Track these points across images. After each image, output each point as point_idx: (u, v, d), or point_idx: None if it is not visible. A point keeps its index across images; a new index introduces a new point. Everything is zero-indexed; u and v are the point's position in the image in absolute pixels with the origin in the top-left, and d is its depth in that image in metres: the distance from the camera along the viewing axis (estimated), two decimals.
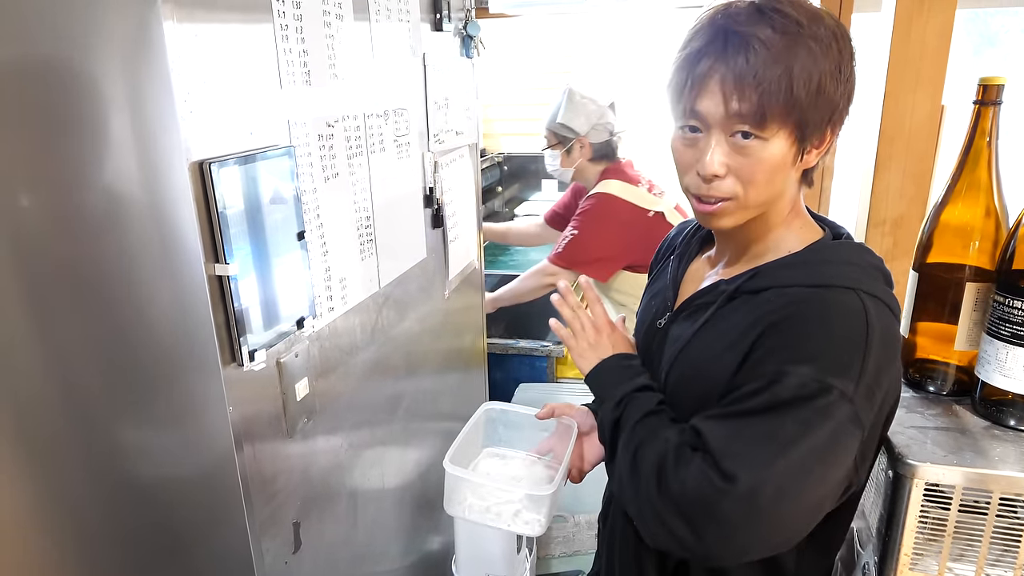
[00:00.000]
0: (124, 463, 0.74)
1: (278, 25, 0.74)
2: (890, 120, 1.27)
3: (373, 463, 1.07)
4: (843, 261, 0.66)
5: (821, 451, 0.59)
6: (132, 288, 0.67)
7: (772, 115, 0.60)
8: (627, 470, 0.67)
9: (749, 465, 0.58)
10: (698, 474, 0.60)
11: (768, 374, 0.60)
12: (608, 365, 0.76)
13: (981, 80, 0.85)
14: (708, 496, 0.59)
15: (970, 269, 0.87)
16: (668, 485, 0.62)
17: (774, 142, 0.61)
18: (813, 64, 0.59)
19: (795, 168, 0.65)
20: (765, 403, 0.60)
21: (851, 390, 0.59)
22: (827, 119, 0.63)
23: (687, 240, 0.84)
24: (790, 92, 0.59)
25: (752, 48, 0.58)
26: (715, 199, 0.65)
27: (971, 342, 0.88)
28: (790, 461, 0.58)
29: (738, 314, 0.67)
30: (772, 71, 0.58)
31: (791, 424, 0.58)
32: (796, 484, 0.59)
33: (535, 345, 2.13)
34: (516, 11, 2.10)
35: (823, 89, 0.60)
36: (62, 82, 0.61)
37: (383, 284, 1.05)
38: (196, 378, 0.69)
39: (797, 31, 0.59)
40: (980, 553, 0.78)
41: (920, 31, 1.22)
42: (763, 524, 0.59)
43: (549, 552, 1.72)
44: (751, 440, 0.59)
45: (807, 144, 0.63)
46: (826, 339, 0.60)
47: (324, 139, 0.85)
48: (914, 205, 1.31)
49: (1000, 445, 0.80)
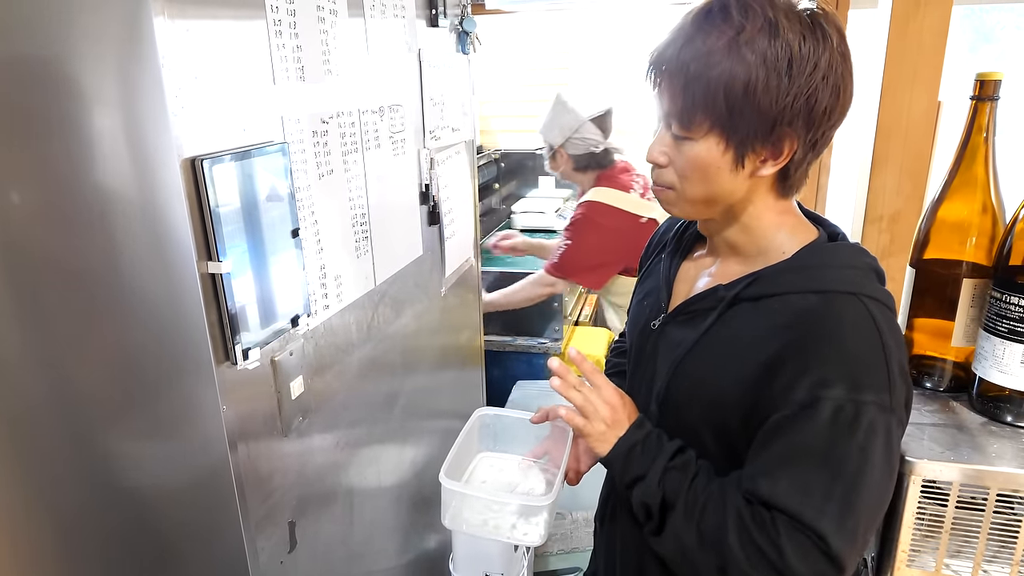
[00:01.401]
0: (116, 463, 0.74)
1: (271, 20, 0.73)
2: (887, 116, 1.27)
3: (369, 461, 1.07)
4: (842, 265, 0.66)
5: (883, 467, 0.60)
6: (124, 286, 0.66)
7: (694, 119, 0.60)
8: (695, 544, 0.64)
9: (834, 522, 0.59)
10: (794, 547, 0.59)
11: (799, 401, 0.60)
12: (631, 440, 0.70)
13: (978, 76, 0.84)
14: (817, 565, 0.59)
15: (967, 265, 0.87)
16: (765, 554, 0.60)
17: (701, 144, 0.62)
18: (745, 72, 0.57)
19: (741, 175, 0.63)
20: (813, 440, 0.59)
21: (887, 400, 0.60)
22: (765, 130, 0.60)
23: (678, 236, 0.83)
24: (708, 97, 0.59)
25: (687, 48, 0.59)
26: (659, 186, 0.68)
27: (968, 338, 0.88)
28: (866, 493, 0.59)
29: (741, 321, 0.67)
30: (700, 73, 0.58)
31: (851, 456, 0.59)
32: (876, 508, 0.61)
33: (532, 342, 2.13)
34: (513, 7, 2.10)
35: (754, 98, 0.58)
36: (50, 79, 0.60)
37: (379, 282, 1.04)
38: (189, 377, 0.68)
39: (735, 37, 0.57)
40: (977, 549, 0.78)
41: (917, 27, 1.22)
42: (858, 551, 0.61)
43: (547, 549, 1.72)
44: (822, 489, 0.59)
45: (746, 151, 0.61)
46: (848, 356, 0.60)
47: (318, 136, 0.84)
48: (911, 201, 1.31)
49: (997, 441, 0.80)
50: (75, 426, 0.72)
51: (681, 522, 0.65)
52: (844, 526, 0.59)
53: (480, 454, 0.91)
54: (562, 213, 2.72)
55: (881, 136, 1.29)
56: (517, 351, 2.14)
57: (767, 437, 0.62)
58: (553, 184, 2.97)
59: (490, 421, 0.90)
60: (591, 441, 0.72)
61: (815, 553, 0.59)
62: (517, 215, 2.68)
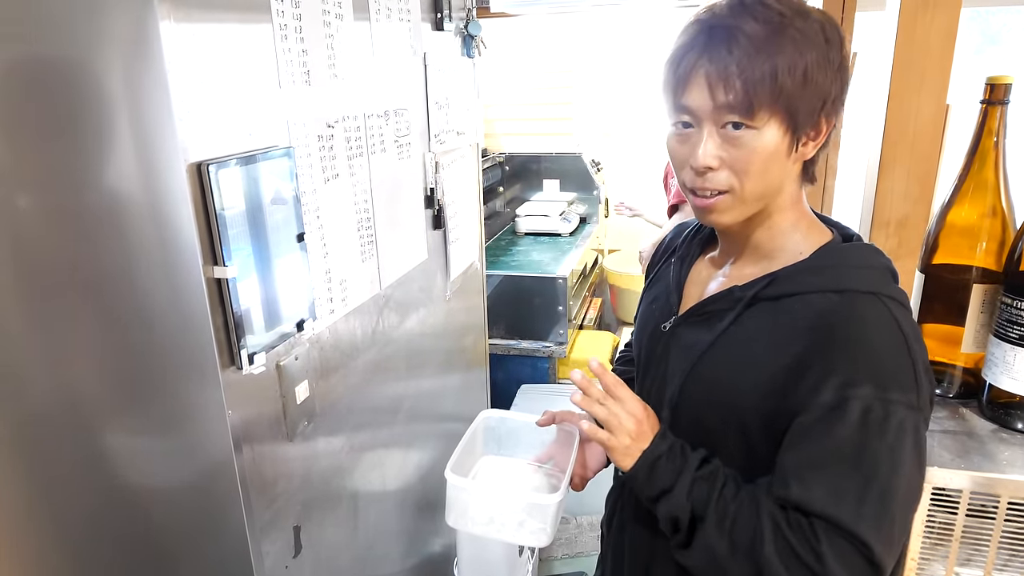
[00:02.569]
0: (122, 467, 0.74)
1: (277, 25, 0.73)
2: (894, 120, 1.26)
3: (374, 466, 1.06)
4: (861, 265, 0.66)
5: (914, 466, 0.60)
6: (129, 290, 0.66)
7: (760, 104, 0.60)
8: (727, 553, 0.63)
9: (873, 525, 0.58)
10: (835, 553, 0.58)
11: (826, 403, 0.59)
12: (656, 452, 0.69)
13: (988, 79, 0.84)
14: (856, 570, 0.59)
15: (977, 270, 0.86)
16: (804, 561, 0.59)
17: (766, 131, 0.62)
18: (798, 53, 0.59)
19: (791, 159, 0.64)
20: (844, 442, 0.59)
21: (914, 399, 0.60)
22: (818, 107, 0.62)
23: (687, 242, 0.83)
24: (775, 80, 0.59)
25: (735, 40, 0.59)
26: (711, 192, 0.65)
27: (978, 344, 0.88)
28: (900, 494, 0.59)
29: (759, 322, 0.66)
30: (756, 61, 0.59)
31: (883, 457, 0.58)
32: (909, 507, 0.61)
33: (537, 346, 2.13)
34: (517, 10, 2.10)
35: (810, 77, 0.60)
36: (56, 83, 0.60)
37: (384, 286, 1.04)
38: (194, 381, 0.68)
39: (780, 21, 0.60)
40: (988, 558, 0.77)
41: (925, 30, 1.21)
42: (895, 553, 0.60)
43: (551, 554, 1.71)
44: (857, 492, 0.59)
45: (800, 134, 0.63)
46: (874, 356, 0.60)
47: (324, 140, 0.84)
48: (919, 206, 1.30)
49: (1008, 449, 0.79)
50: (80, 429, 0.72)
51: (713, 533, 0.64)
52: (881, 528, 0.58)
53: (484, 457, 0.90)
54: (566, 216, 2.72)
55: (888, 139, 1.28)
56: (521, 354, 2.13)
57: (795, 440, 0.61)
58: (558, 187, 2.96)
59: (495, 424, 0.90)
60: (615, 455, 0.70)
61: (856, 558, 0.58)
62: (522, 218, 2.68)
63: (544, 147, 2.96)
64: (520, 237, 2.66)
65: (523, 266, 2.25)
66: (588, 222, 2.84)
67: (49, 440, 0.72)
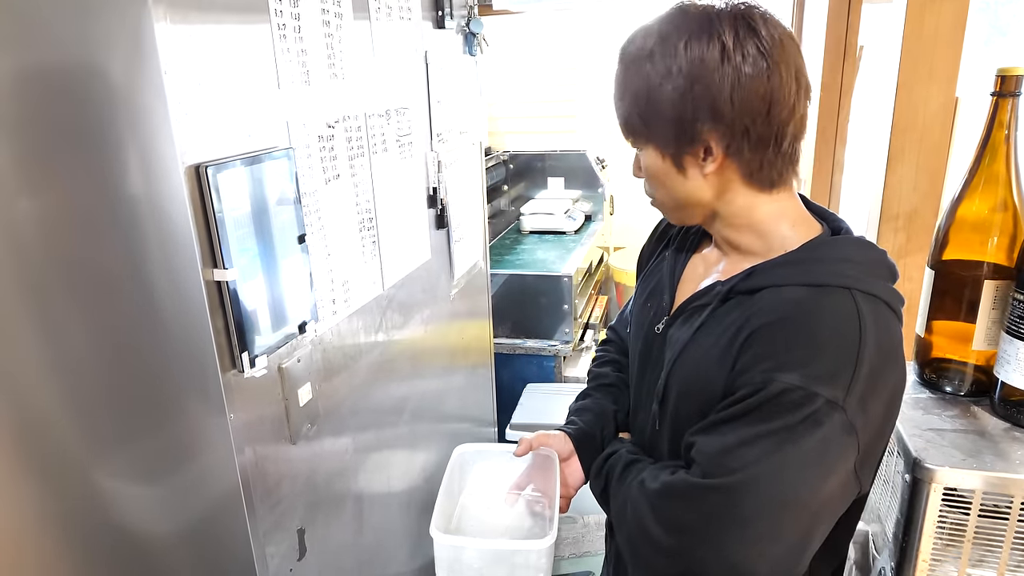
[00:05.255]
0: (122, 471, 0.73)
1: (275, 24, 0.73)
2: (903, 113, 1.25)
3: (379, 467, 1.06)
4: (839, 259, 0.64)
5: (810, 458, 0.58)
6: (129, 294, 0.66)
7: (628, 132, 0.69)
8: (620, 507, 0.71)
9: (736, 467, 0.59)
10: (682, 476, 0.64)
11: (755, 382, 0.60)
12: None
13: (999, 71, 0.82)
14: (692, 489, 0.62)
15: (988, 266, 0.85)
16: (646, 487, 0.66)
17: (647, 152, 0.68)
18: (642, 83, 0.64)
19: (690, 176, 0.66)
20: (749, 408, 0.60)
21: (841, 398, 0.58)
22: (681, 132, 0.64)
23: (684, 232, 0.82)
24: (627, 116, 0.67)
25: (618, 71, 0.68)
26: (651, 199, 0.73)
27: (990, 341, 0.86)
28: (776, 463, 0.58)
29: (732, 315, 0.66)
30: (619, 96, 0.67)
31: (776, 430, 0.58)
32: (782, 488, 0.59)
33: (542, 345, 2.12)
34: (520, 8, 2.09)
35: (656, 108, 0.64)
36: (51, 87, 0.60)
37: (387, 286, 1.03)
38: (196, 385, 0.68)
39: (636, 56, 0.65)
40: (1001, 559, 0.76)
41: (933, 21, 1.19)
42: (750, 525, 0.59)
43: (558, 553, 1.71)
44: (736, 444, 0.60)
45: (681, 154, 0.65)
46: (815, 346, 0.60)
47: (324, 140, 0.84)
48: (928, 200, 1.28)
49: (1021, 447, 0.78)
50: (79, 434, 0.72)
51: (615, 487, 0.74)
52: (746, 474, 0.59)
53: (464, 493, 0.88)
54: (571, 214, 2.71)
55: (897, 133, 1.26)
56: (527, 353, 2.12)
57: (719, 407, 0.63)
58: (562, 185, 2.95)
59: (470, 457, 0.88)
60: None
61: (698, 482, 0.61)
62: (526, 216, 2.67)
63: (548, 145, 2.94)
64: (525, 236, 2.65)
65: (528, 265, 2.24)
66: (593, 220, 2.83)
67: (48, 444, 0.72)
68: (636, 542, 0.68)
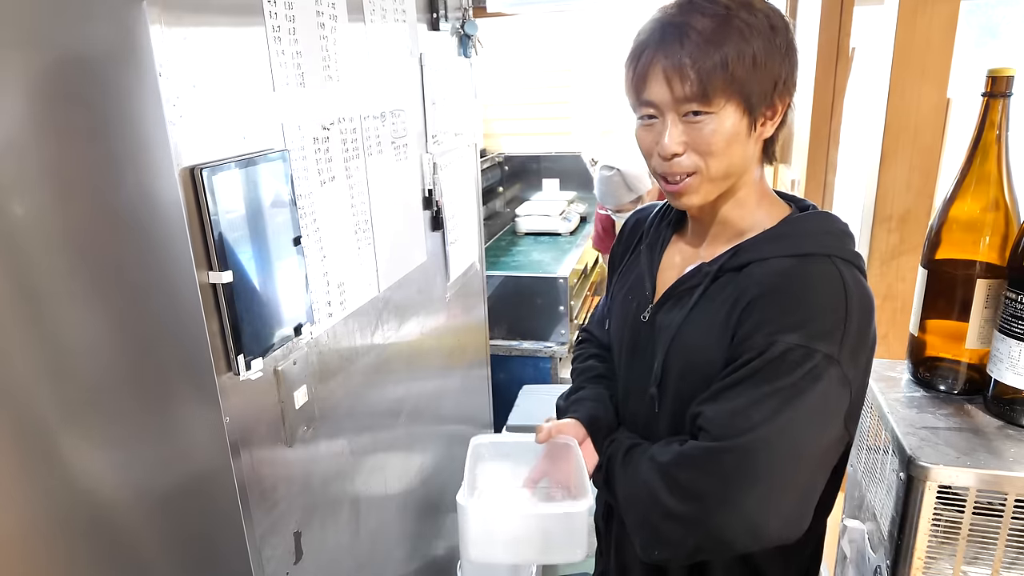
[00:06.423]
0: (118, 474, 0.73)
1: (270, 27, 0.73)
2: (895, 113, 1.25)
3: (375, 469, 1.06)
4: (820, 231, 0.71)
5: (814, 411, 0.63)
6: (123, 297, 0.65)
7: (714, 91, 0.65)
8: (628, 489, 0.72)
9: (747, 427, 0.62)
10: (694, 444, 0.66)
11: (757, 346, 0.64)
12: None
13: (990, 72, 0.83)
14: (707, 453, 0.64)
15: (980, 265, 0.85)
16: (658, 461, 0.68)
17: (723, 115, 0.66)
18: (744, 41, 0.64)
19: (751, 139, 0.69)
20: (755, 370, 0.64)
21: (836, 352, 0.63)
22: (770, 90, 0.67)
23: (655, 227, 0.84)
24: (726, 68, 0.64)
25: (686, 35, 0.65)
26: (679, 176, 0.69)
27: (982, 340, 0.87)
28: (784, 419, 0.62)
29: (725, 291, 0.70)
30: (706, 52, 0.64)
31: (782, 388, 0.62)
32: (793, 442, 0.63)
33: (539, 346, 2.12)
34: (514, 10, 2.09)
35: (759, 62, 0.65)
36: (46, 89, 0.60)
37: (383, 288, 1.03)
38: (191, 388, 0.68)
39: (726, 14, 0.65)
40: (996, 556, 0.76)
41: (925, 23, 1.20)
42: (764, 482, 0.63)
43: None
44: (745, 406, 0.63)
45: (757, 114, 0.67)
46: (809, 308, 0.65)
47: (320, 142, 0.84)
48: (920, 199, 1.29)
49: (1015, 445, 0.78)
50: (76, 437, 0.72)
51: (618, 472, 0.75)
52: (756, 434, 0.62)
53: (477, 490, 0.86)
54: (566, 215, 2.71)
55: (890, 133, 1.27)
56: (523, 355, 2.13)
57: (723, 374, 0.67)
58: (557, 186, 2.96)
59: (485, 450, 0.86)
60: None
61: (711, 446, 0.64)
62: (521, 218, 2.68)
63: (543, 146, 2.95)
64: (520, 237, 2.66)
65: (524, 266, 2.24)
66: (588, 221, 2.83)
67: (44, 447, 0.72)
68: (651, 519, 0.68)
